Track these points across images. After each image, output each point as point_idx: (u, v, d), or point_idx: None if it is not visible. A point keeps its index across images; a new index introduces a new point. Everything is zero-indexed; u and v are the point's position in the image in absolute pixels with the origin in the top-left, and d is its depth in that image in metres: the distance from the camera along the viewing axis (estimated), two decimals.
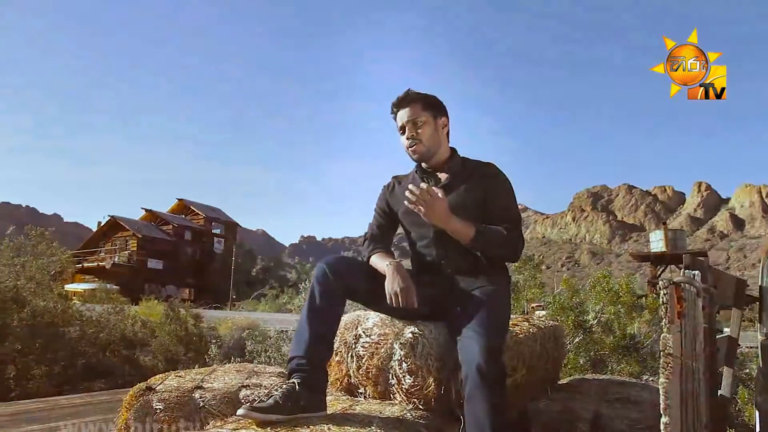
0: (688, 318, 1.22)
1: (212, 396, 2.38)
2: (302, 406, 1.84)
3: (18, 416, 3.68)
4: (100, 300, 10.73)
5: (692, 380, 1.22)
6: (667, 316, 1.12)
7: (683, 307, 1.19)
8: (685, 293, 1.19)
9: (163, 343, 8.03)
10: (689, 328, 1.23)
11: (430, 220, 2.11)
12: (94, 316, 8.85)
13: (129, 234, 47.29)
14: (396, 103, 2.35)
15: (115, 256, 45.93)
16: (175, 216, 53.42)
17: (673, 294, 1.12)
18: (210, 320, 12.04)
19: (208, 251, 52.06)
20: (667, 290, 1.12)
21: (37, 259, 9.20)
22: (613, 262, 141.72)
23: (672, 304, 1.12)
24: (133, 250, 46.34)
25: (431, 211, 2.05)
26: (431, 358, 2.08)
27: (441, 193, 2.07)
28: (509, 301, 2.28)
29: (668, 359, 1.09)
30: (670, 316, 1.11)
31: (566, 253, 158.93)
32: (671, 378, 1.09)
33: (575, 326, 4.78)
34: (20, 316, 7.40)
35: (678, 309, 1.14)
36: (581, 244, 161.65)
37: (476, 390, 1.82)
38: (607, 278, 5.15)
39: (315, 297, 2.04)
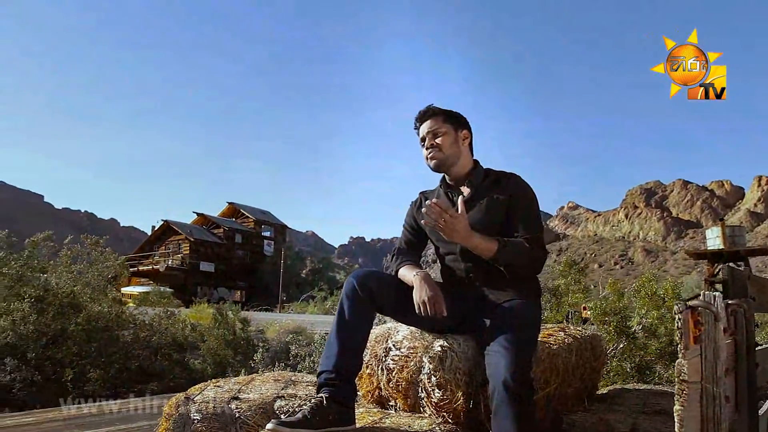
0: (708, 341, 1.20)
1: (248, 407, 2.44)
2: (330, 421, 1.87)
3: (70, 421, 3.85)
4: (152, 303, 11.06)
5: (713, 405, 1.19)
6: (681, 342, 1.10)
7: (701, 331, 1.16)
8: (703, 317, 1.17)
9: (212, 347, 8.23)
10: (709, 352, 1.20)
11: (451, 239, 2.12)
12: (147, 319, 9.14)
13: (182, 238, 48.55)
14: (418, 117, 2.39)
15: (169, 260, 47.23)
16: (225, 219, 54.56)
17: (688, 319, 1.10)
18: (259, 323, 12.28)
19: (258, 254, 52.99)
20: (681, 315, 1.10)
21: (93, 265, 9.57)
22: (668, 260, 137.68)
23: (686, 329, 1.10)
24: (186, 253, 47.55)
25: (451, 231, 2.04)
26: (460, 372, 2.08)
27: (461, 207, 2.06)
28: (539, 314, 2.26)
29: (683, 386, 1.07)
30: (685, 342, 1.09)
31: (619, 251, 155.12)
32: (686, 405, 1.07)
33: (618, 332, 4.67)
34: (77, 321, 7.72)
35: (694, 334, 1.12)
36: (635, 242, 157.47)
37: (503, 405, 1.81)
38: (652, 282, 5.02)
39: (344, 312, 2.08)
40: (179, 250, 48.32)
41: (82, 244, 9.84)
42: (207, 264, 48.13)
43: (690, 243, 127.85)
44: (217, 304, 27.04)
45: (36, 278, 8.06)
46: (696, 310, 1.12)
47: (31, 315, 7.21)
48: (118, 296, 9.84)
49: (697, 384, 1.17)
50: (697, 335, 1.13)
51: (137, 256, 49.40)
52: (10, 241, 8.70)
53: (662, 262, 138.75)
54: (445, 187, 2.42)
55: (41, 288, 7.87)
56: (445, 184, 2.43)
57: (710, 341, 1.19)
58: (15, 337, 6.97)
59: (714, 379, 1.19)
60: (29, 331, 7.16)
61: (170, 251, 48.64)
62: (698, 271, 65.18)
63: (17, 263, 8.14)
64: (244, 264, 51.46)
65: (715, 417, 1.18)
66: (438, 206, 2.00)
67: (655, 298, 4.80)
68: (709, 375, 1.19)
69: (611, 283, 5.39)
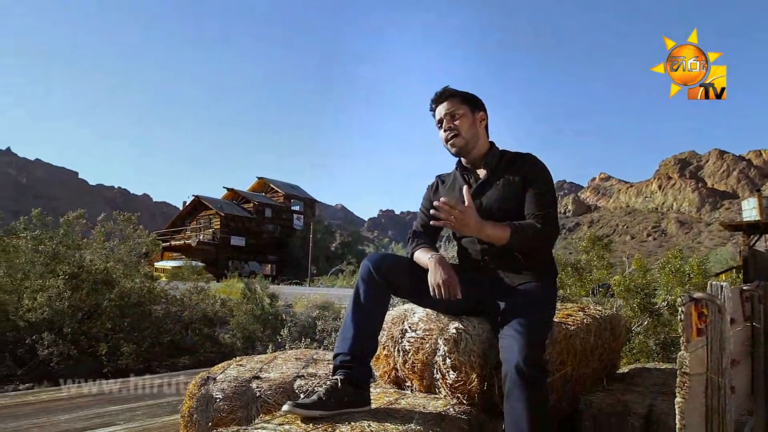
0: (714, 332, 1.19)
1: (268, 386, 2.50)
2: (345, 402, 1.91)
3: (100, 397, 3.99)
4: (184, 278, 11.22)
5: (717, 396, 1.18)
6: (684, 335, 1.09)
7: (706, 323, 1.15)
8: (709, 308, 1.16)
9: (241, 322, 8.38)
10: (715, 343, 1.19)
11: (462, 233, 2.12)
12: (178, 295, 9.34)
13: (212, 212, 49.21)
14: (435, 98, 2.38)
15: (200, 234, 47.95)
16: (255, 194, 55.07)
17: (689, 312, 1.09)
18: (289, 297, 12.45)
19: (287, 228, 53.48)
20: (684, 308, 1.09)
21: (125, 242, 9.78)
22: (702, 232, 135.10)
23: (688, 322, 1.09)
24: (217, 228, 48.22)
25: (462, 225, 2.04)
26: (474, 354, 2.10)
27: (468, 199, 2.05)
28: (554, 296, 2.26)
29: (684, 378, 1.07)
30: (686, 335, 1.09)
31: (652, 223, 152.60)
32: (687, 398, 1.07)
33: (642, 309, 4.62)
34: (110, 297, 7.92)
35: (698, 326, 1.11)
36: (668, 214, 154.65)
37: (515, 389, 1.83)
38: (677, 258, 4.93)
39: (360, 295, 2.10)
40: (210, 225, 49.02)
41: (115, 221, 10.04)
42: (238, 238, 48.76)
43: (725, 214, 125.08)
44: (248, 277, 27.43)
45: (71, 255, 8.27)
46: (700, 302, 1.11)
47: (66, 291, 7.42)
48: (150, 272, 10.05)
49: (701, 375, 1.17)
50: (701, 327, 1.12)
51: (169, 231, 50.31)
52: (43, 219, 8.91)
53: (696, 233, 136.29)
54: (461, 170, 2.43)
55: (76, 265, 8.08)
56: (461, 167, 2.43)
57: (716, 332, 1.18)
58: (51, 312, 7.19)
59: (719, 370, 1.18)
60: (65, 307, 7.37)
61: (201, 226, 49.37)
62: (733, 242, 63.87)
63: (52, 241, 8.36)
64: (274, 238, 52.00)
65: (719, 407, 1.18)
66: (447, 204, 2.00)
67: (680, 274, 4.73)
68: (714, 366, 1.19)
69: (637, 259, 5.32)
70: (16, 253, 8.06)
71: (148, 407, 3.72)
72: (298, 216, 55.28)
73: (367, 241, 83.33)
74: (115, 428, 3.20)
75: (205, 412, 2.48)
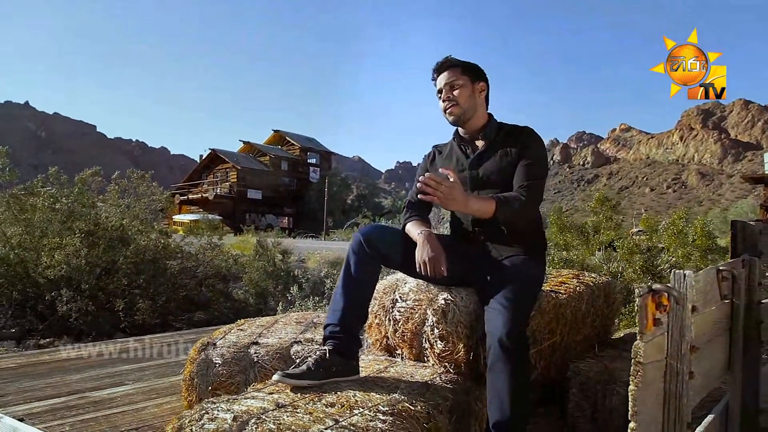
0: (674, 321, 1.21)
1: (266, 352, 2.59)
2: (334, 372, 1.98)
3: (114, 356, 4.14)
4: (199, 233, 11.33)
5: (675, 382, 1.22)
6: (639, 325, 1.12)
7: (666, 311, 1.18)
8: (669, 298, 1.18)
9: (253, 279, 8.54)
10: (675, 330, 1.22)
11: (448, 208, 2.15)
12: (193, 250, 9.51)
13: (229, 166, 49.43)
14: (436, 68, 2.39)
15: (217, 188, 48.34)
16: (271, 147, 55.11)
17: (646, 303, 1.12)
18: (303, 251, 12.59)
19: (304, 180, 53.66)
20: (640, 299, 1.12)
21: (140, 199, 9.92)
22: (724, 184, 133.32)
23: (644, 313, 1.12)
24: (234, 181, 48.52)
25: (449, 200, 2.05)
26: (461, 325, 2.15)
27: (452, 177, 2.07)
28: (541, 270, 2.29)
29: (638, 367, 1.11)
30: (641, 327, 1.12)
31: (672, 174, 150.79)
32: (640, 386, 1.10)
33: (644, 271, 4.63)
34: (126, 254, 8.09)
35: (656, 316, 1.14)
36: (689, 165, 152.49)
37: (498, 362, 1.89)
38: (682, 219, 4.90)
39: (350, 267, 2.15)
40: (227, 179, 49.33)
41: (129, 178, 10.15)
42: (254, 192, 49.09)
43: (748, 166, 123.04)
44: (265, 231, 27.71)
45: (86, 213, 8.41)
46: (658, 293, 1.14)
47: (83, 249, 7.58)
48: (165, 228, 10.21)
49: (659, 362, 1.20)
50: (658, 317, 1.15)
51: (186, 184, 50.74)
52: (59, 177, 9.04)
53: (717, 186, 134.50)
54: (458, 140, 2.44)
55: (92, 222, 8.23)
56: (458, 137, 2.44)
57: (676, 320, 1.21)
58: (69, 269, 7.37)
59: (678, 357, 1.21)
60: (82, 264, 7.55)
61: (218, 179, 49.69)
62: (755, 195, 62.96)
63: (68, 199, 8.50)
64: (291, 191, 52.28)
65: (677, 392, 1.22)
66: (433, 179, 2.02)
67: (682, 236, 4.71)
68: (674, 352, 1.22)
69: (644, 219, 5.31)
70: (33, 212, 8.22)
71: (157, 366, 3.85)
72: (315, 169, 55.35)
73: (384, 194, 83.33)
74: (125, 388, 3.33)
75: (205, 376, 2.58)
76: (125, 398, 3.12)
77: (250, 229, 27.96)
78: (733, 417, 1.83)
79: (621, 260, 4.81)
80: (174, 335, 5.20)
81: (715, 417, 1.73)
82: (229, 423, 1.63)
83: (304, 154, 55.19)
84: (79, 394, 3.17)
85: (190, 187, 50.44)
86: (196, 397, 2.59)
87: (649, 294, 1.13)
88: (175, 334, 5.51)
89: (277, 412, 1.69)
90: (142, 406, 2.99)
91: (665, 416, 1.23)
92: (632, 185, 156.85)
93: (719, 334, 1.72)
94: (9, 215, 8.20)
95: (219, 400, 1.79)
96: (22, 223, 8.08)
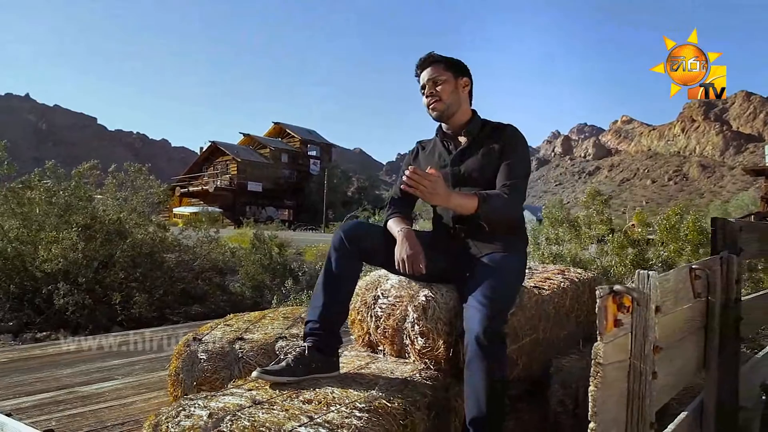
0: (638, 321, 1.22)
1: (250, 347, 2.60)
2: (313, 368, 1.99)
3: (106, 350, 4.16)
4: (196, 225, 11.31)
5: (639, 382, 1.23)
6: (599, 326, 1.13)
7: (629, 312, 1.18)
8: (632, 299, 1.19)
9: (249, 272, 8.56)
10: (639, 330, 1.23)
11: (431, 202, 2.16)
12: (191, 243, 9.52)
13: (229, 158, 49.43)
14: (419, 64, 2.39)
15: (217, 180, 48.36)
16: (271, 139, 55.08)
17: (606, 305, 1.12)
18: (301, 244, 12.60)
19: (304, 173, 53.66)
20: (600, 300, 1.12)
21: (137, 193, 9.92)
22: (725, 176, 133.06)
23: (604, 315, 1.12)
24: (234, 173, 48.53)
25: (431, 194, 2.07)
26: (441, 322, 2.16)
27: (434, 172, 2.07)
28: (522, 267, 2.30)
29: (598, 368, 1.11)
30: (600, 328, 1.12)
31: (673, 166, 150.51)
32: (600, 387, 1.11)
33: (635, 265, 4.63)
34: (123, 247, 8.11)
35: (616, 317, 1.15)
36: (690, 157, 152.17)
37: (475, 359, 1.90)
38: (678, 214, 4.90)
39: (331, 264, 2.16)
40: (227, 171, 49.34)
41: (126, 171, 10.15)
42: (254, 184, 49.10)
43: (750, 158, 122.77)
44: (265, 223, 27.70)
45: (83, 207, 8.42)
46: (618, 294, 1.14)
47: (80, 243, 7.59)
48: (163, 222, 10.21)
49: (622, 363, 1.21)
50: (619, 318, 1.15)
51: (187, 177, 50.73)
52: (56, 170, 9.04)
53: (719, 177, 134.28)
54: (441, 136, 2.44)
55: (89, 216, 8.24)
56: (441, 133, 2.44)
57: (640, 321, 1.22)
58: (66, 263, 7.39)
59: (642, 357, 1.22)
60: (79, 258, 7.56)
61: (218, 172, 49.71)
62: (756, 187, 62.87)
63: (65, 193, 8.50)
64: (291, 183, 52.29)
65: (640, 392, 1.23)
66: (416, 173, 2.03)
67: (674, 231, 4.71)
68: (637, 353, 1.23)
69: (638, 214, 5.31)
70: (30, 205, 8.23)
71: (148, 361, 3.87)
72: (315, 161, 55.33)
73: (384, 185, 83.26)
74: (114, 383, 3.36)
75: (190, 372, 2.60)
76: (113, 393, 3.15)
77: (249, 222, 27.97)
78: (708, 415, 1.84)
79: (611, 255, 4.83)
80: (167, 329, 5.23)
81: (689, 415, 1.74)
82: (204, 420, 1.64)
83: (304, 147, 55.18)
84: (68, 389, 3.20)
85: (191, 179, 50.47)
86: (182, 392, 2.60)
87: (610, 295, 1.13)
88: (168, 327, 5.54)
89: (253, 408, 1.70)
90: (130, 401, 3.01)
91: (629, 416, 1.23)
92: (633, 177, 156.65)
93: (693, 332, 1.73)
94: (6, 209, 8.21)
95: (197, 397, 1.80)
96: (19, 216, 8.10)
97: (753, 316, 2.32)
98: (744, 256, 2.17)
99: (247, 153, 50.99)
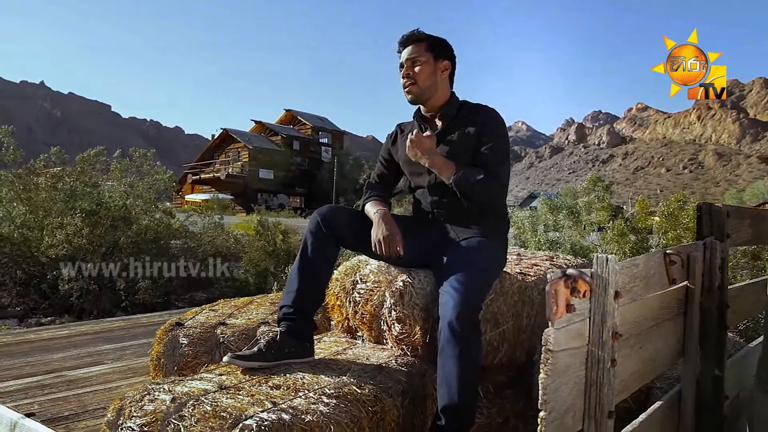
0: (596, 307, 1.17)
1: (231, 332, 2.58)
2: (286, 353, 1.96)
3: (99, 335, 4.17)
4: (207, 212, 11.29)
5: (596, 369, 1.18)
6: (549, 311, 1.08)
7: (584, 296, 1.14)
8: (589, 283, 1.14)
9: (252, 259, 8.56)
10: (597, 316, 1.18)
11: (415, 154, 2.13)
12: (196, 230, 9.54)
13: (240, 146, 49.41)
14: (401, 41, 2.33)
15: (229, 167, 48.39)
16: (283, 127, 54.95)
17: (556, 288, 1.07)
18: None
19: (316, 160, 53.54)
20: (550, 285, 1.08)
21: (143, 179, 9.94)
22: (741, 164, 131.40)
23: (553, 299, 1.07)
24: (245, 161, 48.52)
25: (418, 145, 2.11)
26: (417, 308, 2.13)
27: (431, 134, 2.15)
28: (500, 253, 2.24)
29: (548, 355, 1.07)
30: (548, 314, 1.08)
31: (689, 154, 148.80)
32: (550, 374, 1.07)
33: (633, 253, 4.55)
34: (128, 233, 8.14)
35: (567, 303, 1.10)
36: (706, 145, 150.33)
37: (447, 346, 1.87)
38: (680, 202, 4.80)
39: (307, 248, 2.13)
40: (239, 158, 49.34)
41: (131, 157, 10.16)
42: (266, 171, 49.08)
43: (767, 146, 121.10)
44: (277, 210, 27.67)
45: (89, 193, 8.44)
46: (571, 278, 1.10)
47: (84, 228, 7.62)
48: (169, 208, 10.23)
49: (578, 350, 1.16)
50: (571, 303, 1.10)
51: (199, 164, 50.87)
52: (62, 156, 9.06)
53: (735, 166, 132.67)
54: (419, 119, 2.39)
55: (94, 202, 8.27)
56: (419, 116, 2.39)
57: (598, 305, 1.17)
58: (71, 249, 7.43)
59: (600, 344, 1.18)
60: (84, 243, 7.60)
61: (230, 159, 49.73)
62: None
63: (71, 178, 8.54)
64: (303, 171, 52.19)
65: (598, 380, 1.19)
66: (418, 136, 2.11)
67: (672, 219, 4.62)
68: (595, 339, 1.18)
69: (640, 201, 5.23)
70: (36, 191, 8.27)
71: (139, 346, 3.87)
72: (326, 148, 55.16)
73: None
74: (102, 367, 3.36)
75: (172, 356, 2.59)
76: (100, 377, 3.15)
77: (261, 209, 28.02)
78: (686, 404, 1.79)
79: (611, 242, 4.75)
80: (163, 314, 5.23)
81: (663, 404, 1.69)
82: (167, 404, 1.62)
83: (315, 134, 55.02)
84: (56, 373, 3.21)
85: (203, 166, 50.56)
86: (163, 377, 2.59)
87: (561, 279, 1.08)
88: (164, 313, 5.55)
89: (218, 393, 1.68)
90: (115, 386, 3.01)
91: (586, 404, 1.19)
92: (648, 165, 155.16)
93: (670, 319, 1.68)
94: (14, 195, 8.26)
95: (164, 381, 1.78)
96: (25, 202, 8.14)
97: (742, 304, 2.26)
98: (731, 242, 2.10)
99: (258, 140, 50.89)
